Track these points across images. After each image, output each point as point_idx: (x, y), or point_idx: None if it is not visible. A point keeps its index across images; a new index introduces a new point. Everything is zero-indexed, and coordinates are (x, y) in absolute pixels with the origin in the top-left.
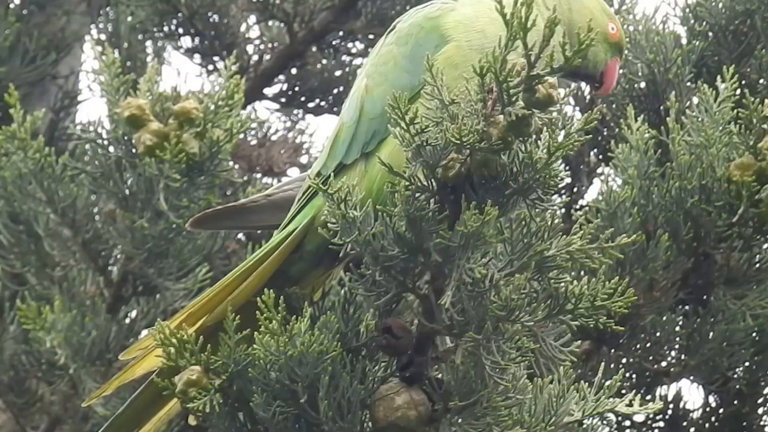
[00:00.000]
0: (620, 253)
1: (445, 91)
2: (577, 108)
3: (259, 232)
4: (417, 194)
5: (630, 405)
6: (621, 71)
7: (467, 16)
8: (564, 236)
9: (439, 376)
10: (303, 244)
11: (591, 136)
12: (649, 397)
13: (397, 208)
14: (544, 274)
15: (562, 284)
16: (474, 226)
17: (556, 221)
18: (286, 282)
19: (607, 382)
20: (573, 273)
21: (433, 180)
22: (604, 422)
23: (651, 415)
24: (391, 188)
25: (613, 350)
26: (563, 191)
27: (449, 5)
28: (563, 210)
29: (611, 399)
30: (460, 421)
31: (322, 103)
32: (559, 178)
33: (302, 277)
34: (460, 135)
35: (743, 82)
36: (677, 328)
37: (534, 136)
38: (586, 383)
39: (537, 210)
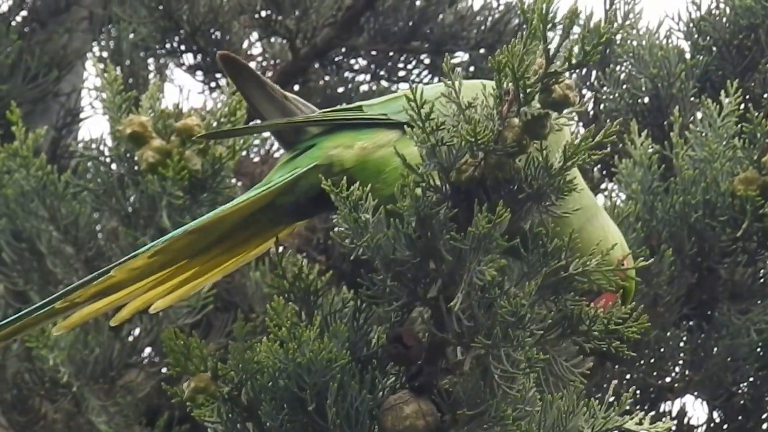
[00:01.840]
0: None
1: (462, 94)
2: (581, 123)
3: None
4: (428, 192)
5: (640, 423)
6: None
7: None
8: (581, 257)
9: (449, 387)
10: (298, 180)
11: (609, 149)
12: (653, 413)
13: (406, 202)
14: (560, 295)
15: (577, 306)
16: (486, 228)
17: (574, 240)
18: (269, 213)
19: (611, 398)
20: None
21: (446, 183)
22: None
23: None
24: (402, 182)
25: (617, 366)
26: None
27: None
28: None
29: (621, 416)
30: (468, 431)
31: None
32: (573, 185)
33: (288, 214)
34: (474, 134)
35: (747, 96)
36: (681, 344)
37: (551, 145)
38: (596, 400)
39: (552, 224)
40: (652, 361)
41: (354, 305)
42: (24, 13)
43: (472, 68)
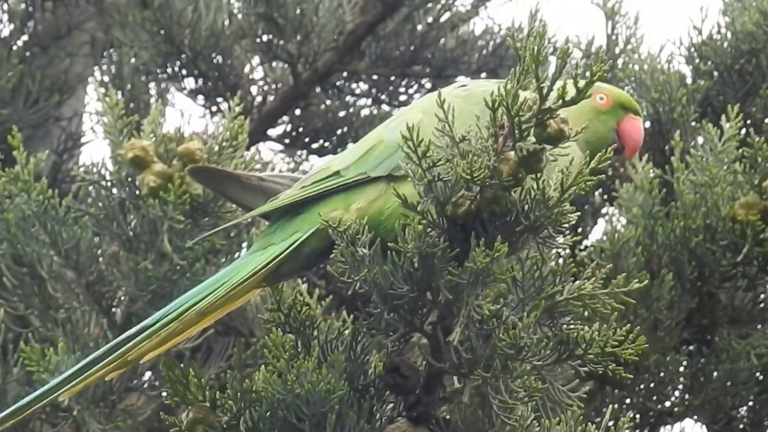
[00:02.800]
0: (626, 294)
1: (456, 128)
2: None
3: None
4: (429, 230)
5: None
6: None
7: None
8: (575, 280)
9: (447, 416)
10: (301, 247)
11: (604, 176)
12: None
13: (410, 245)
14: (555, 319)
15: (573, 329)
16: (483, 263)
17: (568, 265)
18: (272, 281)
19: (610, 423)
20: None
21: (443, 217)
22: None
23: None
24: (404, 222)
25: (617, 390)
26: (568, 231)
27: None
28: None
29: None
30: None
31: (326, 144)
32: (570, 217)
33: (288, 275)
34: (471, 171)
35: (748, 121)
36: (681, 368)
37: (545, 173)
38: (593, 425)
39: (547, 251)
40: (652, 385)
41: (351, 334)
42: (25, 37)
43: None
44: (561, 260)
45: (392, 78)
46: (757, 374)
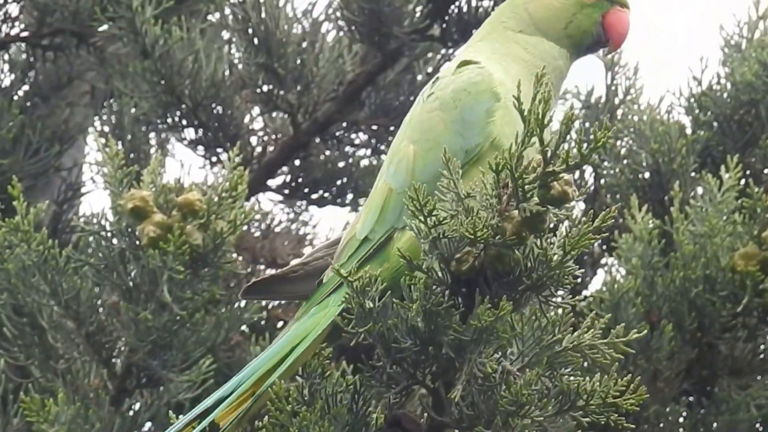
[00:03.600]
0: (627, 346)
1: (461, 184)
2: (582, 198)
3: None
4: (434, 287)
5: None
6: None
7: (502, 79)
8: (574, 331)
9: None
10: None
11: (606, 234)
12: None
13: (415, 304)
14: (555, 370)
15: (573, 380)
16: (488, 321)
17: (567, 316)
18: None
19: None
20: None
21: (447, 273)
22: None
23: None
24: (409, 281)
25: None
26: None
27: (484, 70)
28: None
29: None
30: None
31: (326, 195)
32: (573, 276)
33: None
34: (474, 230)
35: (747, 171)
36: (681, 419)
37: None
38: None
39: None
40: None
41: (354, 387)
42: (26, 87)
43: None
44: (560, 310)
45: (392, 128)
46: (757, 425)
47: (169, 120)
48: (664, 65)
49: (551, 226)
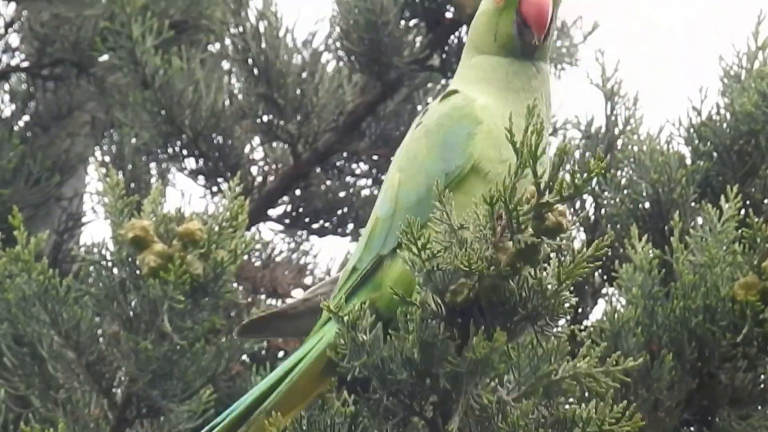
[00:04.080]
0: (625, 374)
1: (454, 216)
2: (581, 228)
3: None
4: (429, 320)
5: None
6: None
7: (486, 104)
8: (570, 359)
9: None
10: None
11: (601, 262)
12: None
13: (411, 336)
14: (551, 399)
15: (570, 409)
16: (483, 353)
17: (563, 344)
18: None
19: None
20: (579, 395)
21: (441, 304)
22: None
23: None
24: (404, 316)
25: None
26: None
27: (468, 96)
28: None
29: None
30: None
31: (327, 225)
32: (568, 306)
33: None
34: (469, 262)
35: (747, 201)
36: None
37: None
38: None
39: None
40: None
41: (351, 418)
42: (27, 117)
43: None
44: (554, 339)
45: (392, 158)
46: None
47: (170, 150)
48: (663, 95)
49: (546, 255)
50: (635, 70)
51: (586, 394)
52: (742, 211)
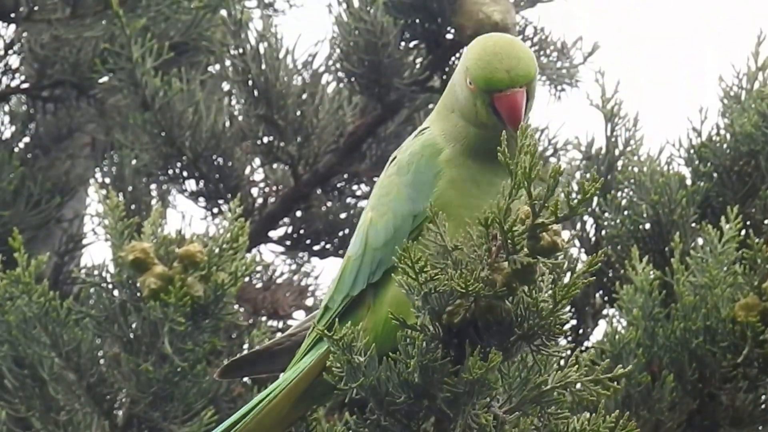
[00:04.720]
0: (626, 394)
1: (448, 237)
2: (583, 249)
3: None
4: (429, 342)
5: None
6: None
7: (452, 158)
8: (560, 370)
9: None
10: (312, 388)
11: (595, 277)
12: None
13: (413, 361)
14: (543, 410)
15: (563, 420)
16: (479, 373)
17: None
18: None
19: None
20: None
21: (438, 325)
22: None
23: None
24: (404, 339)
25: None
26: (569, 334)
27: (436, 135)
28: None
29: None
30: None
31: (328, 246)
32: (563, 325)
33: (324, 397)
34: (465, 284)
35: (747, 222)
36: None
37: (539, 281)
38: None
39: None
40: None
41: None
42: (27, 139)
43: None
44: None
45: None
46: None
47: (170, 171)
48: (663, 116)
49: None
50: (635, 91)
51: (579, 406)
52: (743, 232)
